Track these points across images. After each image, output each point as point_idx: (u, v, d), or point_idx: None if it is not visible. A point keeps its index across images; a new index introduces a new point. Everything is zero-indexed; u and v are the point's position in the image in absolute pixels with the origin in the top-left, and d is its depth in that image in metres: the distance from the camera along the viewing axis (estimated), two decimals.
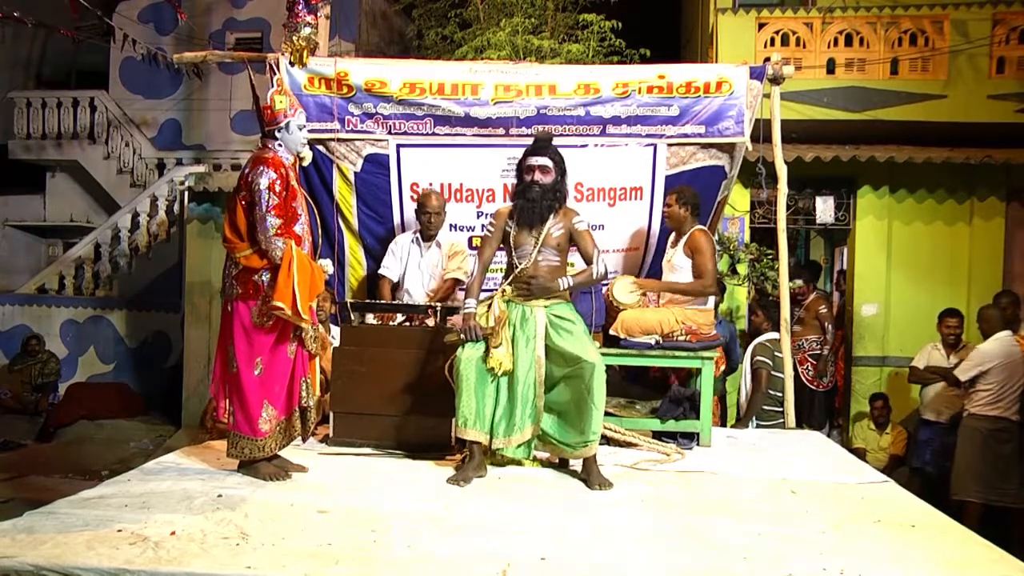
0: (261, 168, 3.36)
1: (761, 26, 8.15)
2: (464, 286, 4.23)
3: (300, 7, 4.53)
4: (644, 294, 4.47)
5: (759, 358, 5.45)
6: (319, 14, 4.71)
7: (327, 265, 3.64)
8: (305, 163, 3.71)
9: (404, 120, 4.85)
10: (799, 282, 6.82)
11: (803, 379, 6.69)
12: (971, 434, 5.44)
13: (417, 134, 4.88)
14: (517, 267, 3.72)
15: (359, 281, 5.23)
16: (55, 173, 12.62)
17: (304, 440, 3.73)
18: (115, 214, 10.92)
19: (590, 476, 3.49)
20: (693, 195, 4.46)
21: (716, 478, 3.68)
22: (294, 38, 4.57)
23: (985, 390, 5.38)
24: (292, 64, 4.68)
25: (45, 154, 12.23)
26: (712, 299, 4.51)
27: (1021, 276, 7.95)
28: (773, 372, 5.41)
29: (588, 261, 3.75)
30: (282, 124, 3.49)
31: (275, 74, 4.69)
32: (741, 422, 5.55)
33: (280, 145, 3.50)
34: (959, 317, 6.07)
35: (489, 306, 3.67)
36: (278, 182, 3.36)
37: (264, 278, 3.38)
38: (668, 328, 4.31)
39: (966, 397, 5.55)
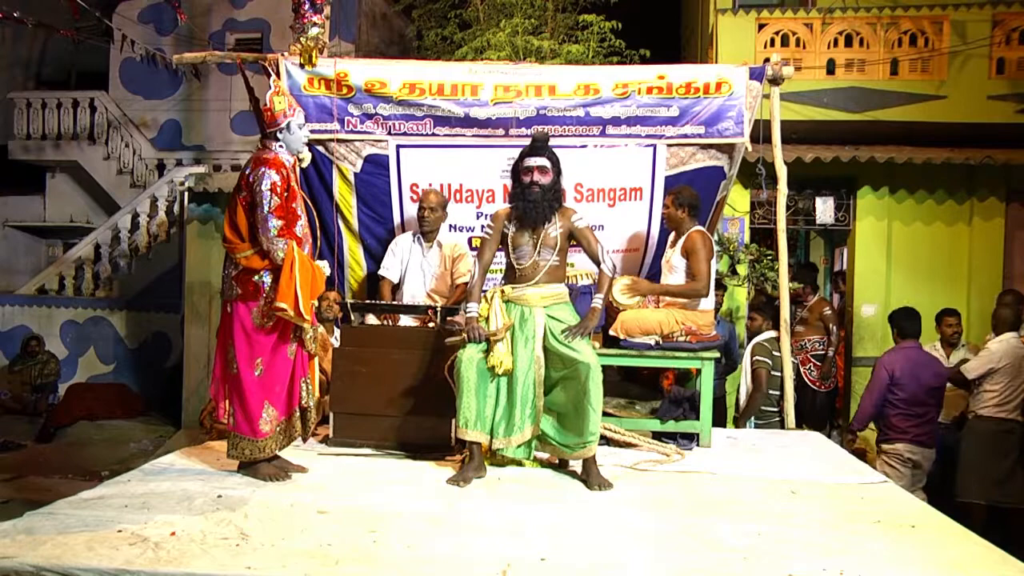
0: (263, 170, 3.37)
1: (761, 27, 8.16)
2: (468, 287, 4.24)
3: (307, 7, 4.53)
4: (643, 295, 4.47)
5: (758, 358, 5.44)
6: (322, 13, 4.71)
7: (324, 266, 3.65)
8: (304, 164, 3.71)
9: (404, 121, 4.85)
10: (800, 284, 6.82)
11: (806, 380, 6.69)
12: (977, 436, 5.39)
13: (417, 135, 4.88)
14: (516, 268, 3.73)
15: (359, 282, 5.23)
16: (55, 173, 12.63)
17: (304, 440, 3.73)
18: (115, 215, 10.94)
19: (590, 476, 3.49)
20: (690, 195, 4.45)
21: (716, 478, 3.68)
22: (302, 39, 4.56)
23: (991, 391, 5.34)
24: (302, 66, 4.67)
25: (45, 155, 12.24)
26: (712, 300, 4.50)
27: (1021, 276, 7.96)
28: (772, 371, 5.40)
29: (595, 260, 3.76)
30: (283, 125, 3.49)
31: (281, 75, 4.69)
32: (739, 421, 5.55)
33: (282, 146, 3.51)
34: (958, 316, 6.07)
35: (489, 303, 3.68)
36: (279, 183, 3.37)
37: (264, 279, 3.39)
38: (668, 329, 4.31)
39: (970, 398, 5.53)
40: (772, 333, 5.47)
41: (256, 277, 3.38)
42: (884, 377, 5.33)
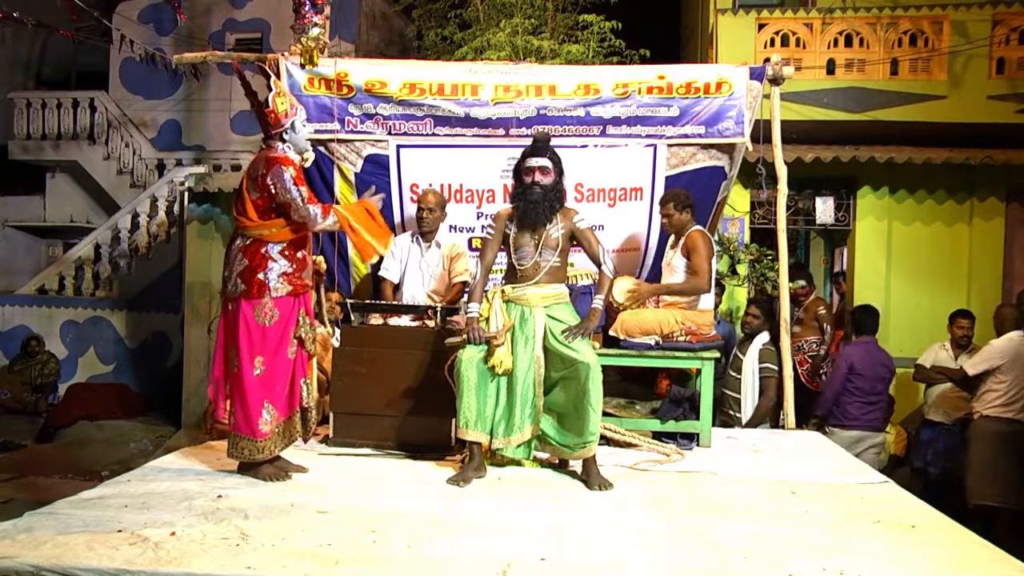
0: (278, 167, 3.38)
1: (761, 27, 8.16)
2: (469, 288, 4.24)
3: (307, 8, 4.53)
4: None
5: (768, 364, 5.34)
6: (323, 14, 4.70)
7: (321, 262, 3.66)
8: (307, 164, 3.71)
9: (404, 121, 4.85)
10: (801, 283, 6.79)
11: (802, 379, 6.67)
12: (986, 437, 5.35)
13: (417, 135, 4.88)
14: (517, 268, 3.73)
15: (362, 278, 5.23)
16: (55, 174, 12.63)
17: (305, 441, 3.73)
18: (115, 215, 10.94)
19: (590, 476, 3.48)
20: (687, 196, 4.46)
21: (716, 478, 3.68)
22: (303, 39, 4.56)
23: (996, 391, 5.32)
24: (302, 66, 4.67)
25: (45, 155, 12.24)
26: (712, 299, 4.50)
27: (1021, 276, 7.96)
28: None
29: (596, 261, 3.76)
30: (286, 125, 3.50)
31: (281, 75, 4.68)
32: (747, 427, 5.45)
33: (288, 147, 3.52)
34: (971, 318, 6.03)
35: (490, 303, 3.68)
36: (297, 176, 3.41)
37: (269, 276, 3.38)
38: (668, 329, 4.30)
39: (975, 399, 5.48)
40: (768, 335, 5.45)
41: (260, 275, 3.38)
42: (845, 368, 5.70)
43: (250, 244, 3.41)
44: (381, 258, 3.96)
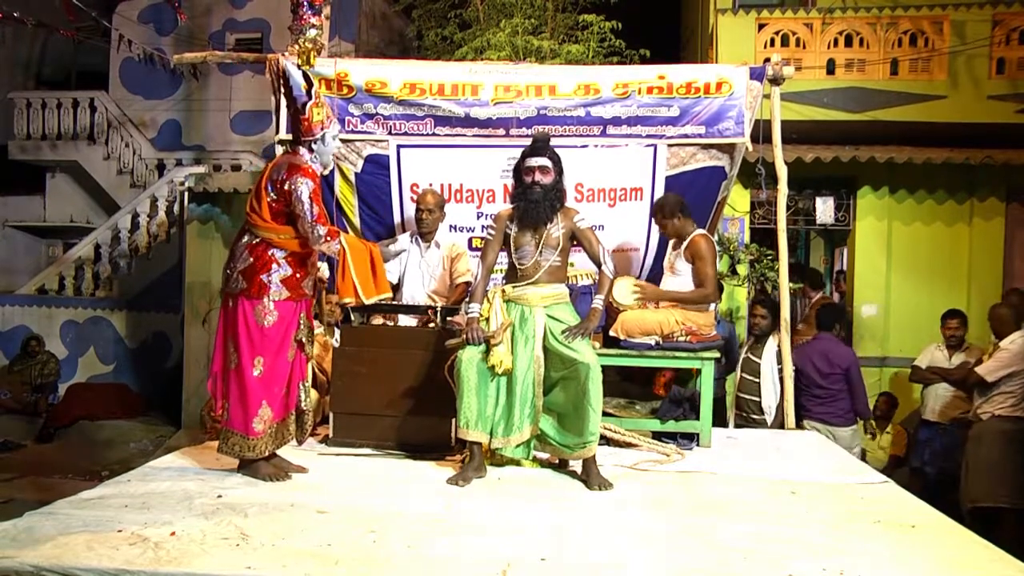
0: (299, 177, 3.35)
1: (761, 27, 8.17)
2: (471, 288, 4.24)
3: (304, 9, 4.53)
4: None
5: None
6: (321, 15, 4.71)
7: (323, 269, 3.65)
8: (325, 172, 3.70)
9: (404, 121, 4.85)
10: (798, 285, 6.79)
11: None
12: (995, 437, 5.31)
13: (417, 135, 4.88)
14: (518, 268, 3.73)
15: None
16: (55, 174, 12.63)
17: (300, 443, 3.72)
18: (115, 215, 10.94)
19: (590, 476, 3.48)
20: (673, 202, 4.40)
21: (716, 478, 3.68)
22: (300, 40, 4.57)
23: (1007, 392, 5.30)
24: (300, 67, 4.68)
25: (45, 155, 12.24)
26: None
27: (1021, 276, 7.96)
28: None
29: (596, 261, 3.76)
30: (318, 136, 3.49)
31: (311, 82, 4.65)
32: (773, 424, 5.43)
33: (315, 158, 3.51)
34: (960, 318, 6.04)
35: (490, 303, 3.68)
36: (315, 191, 3.39)
37: (271, 279, 3.38)
38: (668, 329, 4.30)
39: (986, 400, 5.43)
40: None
41: (264, 276, 3.37)
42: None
43: (258, 244, 3.41)
44: (342, 306, 3.93)
